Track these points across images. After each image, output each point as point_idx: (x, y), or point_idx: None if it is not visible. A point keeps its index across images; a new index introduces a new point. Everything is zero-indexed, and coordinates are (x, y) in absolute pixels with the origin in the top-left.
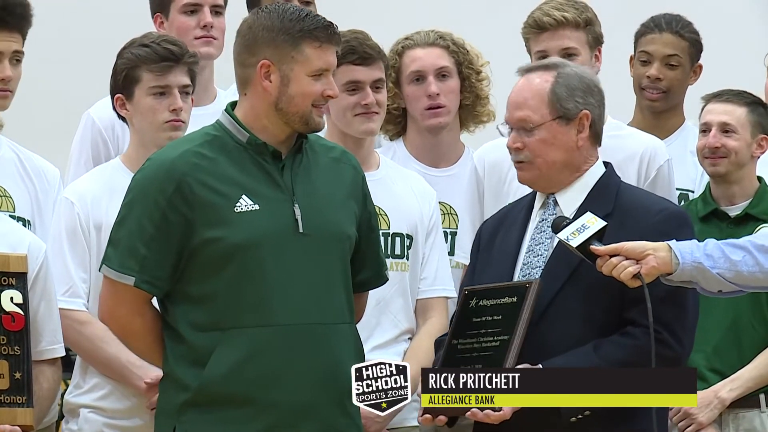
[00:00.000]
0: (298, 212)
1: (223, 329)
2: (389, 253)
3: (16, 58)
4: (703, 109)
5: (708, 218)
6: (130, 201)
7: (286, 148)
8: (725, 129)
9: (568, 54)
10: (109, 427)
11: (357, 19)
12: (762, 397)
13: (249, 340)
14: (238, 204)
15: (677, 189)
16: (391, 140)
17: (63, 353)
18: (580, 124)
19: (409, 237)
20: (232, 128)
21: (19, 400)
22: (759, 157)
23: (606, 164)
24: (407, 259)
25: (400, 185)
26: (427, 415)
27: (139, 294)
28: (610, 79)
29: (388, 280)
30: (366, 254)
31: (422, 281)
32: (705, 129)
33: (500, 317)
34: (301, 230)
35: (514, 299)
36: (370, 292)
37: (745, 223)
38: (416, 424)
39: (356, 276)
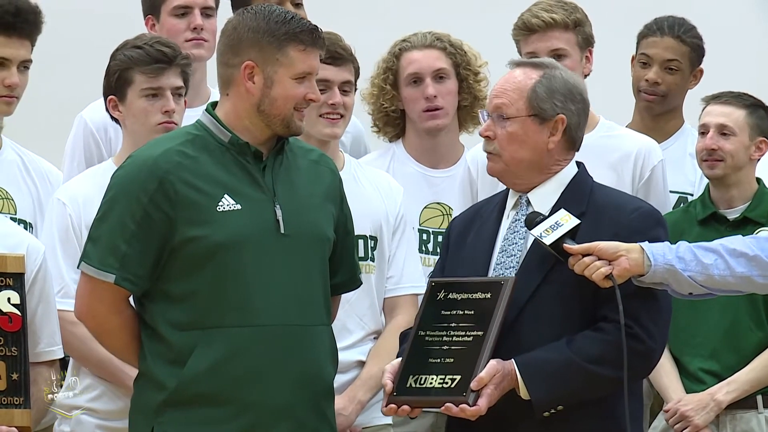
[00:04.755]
0: (279, 213)
1: (202, 328)
2: None
3: (24, 65)
4: (703, 111)
5: (707, 221)
6: (111, 198)
7: (267, 150)
8: (723, 131)
9: (557, 55)
10: (102, 429)
11: (352, 21)
12: (759, 398)
13: (229, 339)
14: (220, 203)
15: (676, 192)
16: (390, 141)
17: (61, 355)
18: (554, 127)
19: (373, 238)
20: (213, 128)
21: (17, 401)
22: (758, 160)
23: (578, 164)
24: (372, 261)
25: (365, 185)
26: (392, 405)
27: (118, 291)
28: (610, 81)
29: (362, 284)
30: (342, 257)
31: (389, 280)
32: (703, 131)
33: (473, 312)
34: (282, 231)
35: (488, 295)
36: None
37: (744, 226)
38: (388, 422)
39: (331, 279)
